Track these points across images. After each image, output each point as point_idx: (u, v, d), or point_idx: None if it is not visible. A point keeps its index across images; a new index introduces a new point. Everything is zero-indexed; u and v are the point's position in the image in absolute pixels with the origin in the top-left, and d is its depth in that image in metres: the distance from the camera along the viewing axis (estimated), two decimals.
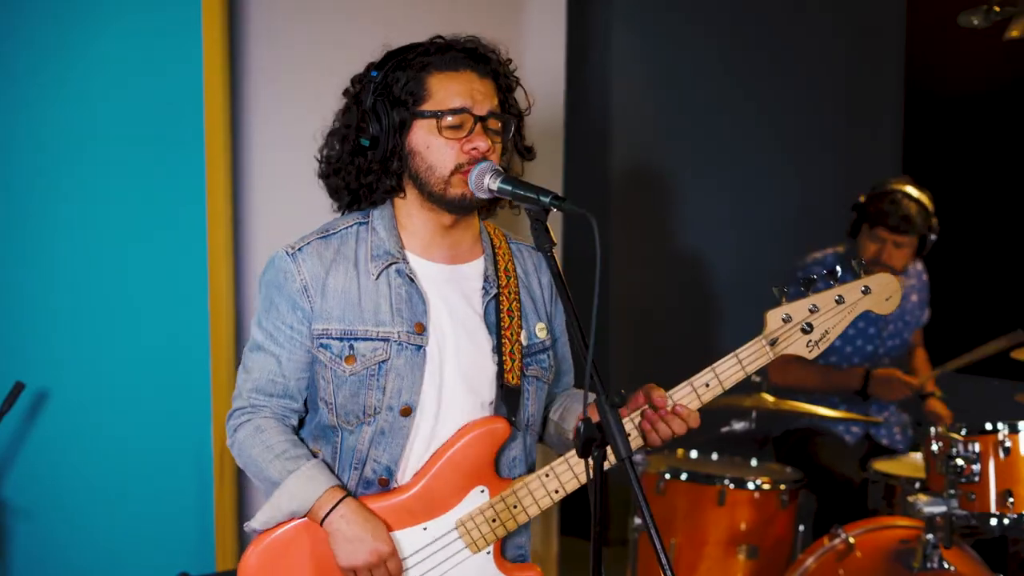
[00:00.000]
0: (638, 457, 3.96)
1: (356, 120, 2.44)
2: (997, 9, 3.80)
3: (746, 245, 5.80)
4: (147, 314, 3.54)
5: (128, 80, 3.46)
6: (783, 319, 2.46)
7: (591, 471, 2.12)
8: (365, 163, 2.45)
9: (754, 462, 4.16)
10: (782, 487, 3.94)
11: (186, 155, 3.54)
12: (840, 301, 2.48)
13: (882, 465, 4.12)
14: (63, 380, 3.45)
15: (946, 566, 3.45)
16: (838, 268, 2.46)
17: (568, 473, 2.44)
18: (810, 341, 2.48)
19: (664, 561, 2.04)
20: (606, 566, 4.63)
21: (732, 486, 3.90)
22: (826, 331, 2.48)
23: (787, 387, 4.42)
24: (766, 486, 3.92)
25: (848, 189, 4.62)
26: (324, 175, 2.53)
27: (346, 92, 2.51)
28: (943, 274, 4.75)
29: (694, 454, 4.22)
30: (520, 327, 2.50)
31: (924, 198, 4.36)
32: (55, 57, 3.38)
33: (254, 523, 2.44)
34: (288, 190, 3.68)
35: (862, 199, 4.44)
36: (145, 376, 3.54)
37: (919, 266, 4.62)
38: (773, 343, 2.45)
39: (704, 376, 2.44)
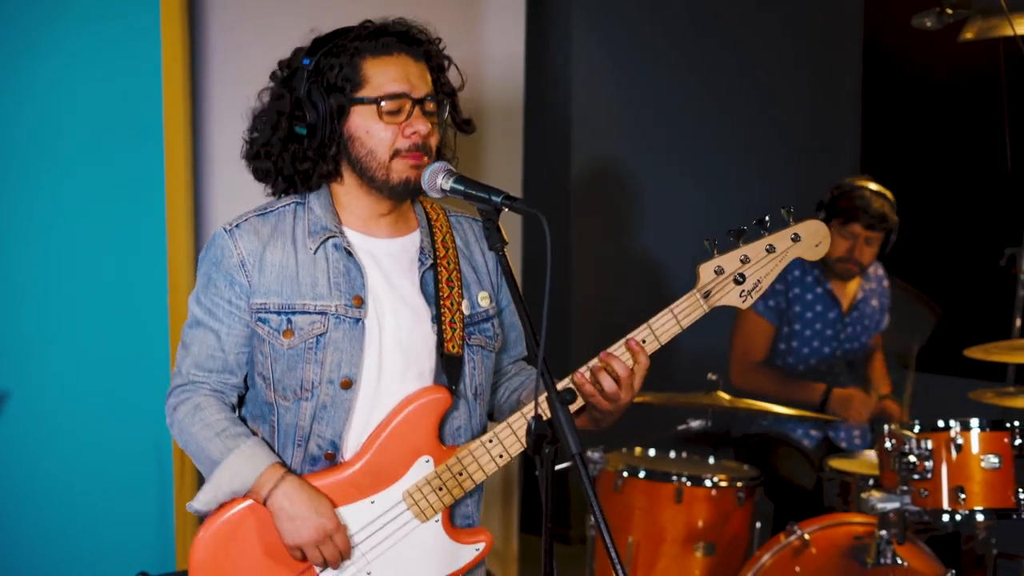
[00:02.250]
0: (596, 455, 3.98)
1: (289, 107, 2.45)
2: (949, 12, 3.86)
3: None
4: (107, 314, 3.54)
5: (87, 83, 3.46)
6: (715, 271, 2.47)
7: (542, 468, 2.13)
8: (300, 150, 2.46)
9: (711, 460, 4.19)
10: (739, 484, 3.97)
11: (145, 156, 3.54)
12: (771, 250, 2.47)
13: (838, 463, 4.15)
14: (23, 380, 3.44)
15: (899, 561, 3.50)
16: (767, 217, 2.47)
17: (511, 438, 2.46)
18: (743, 291, 2.47)
19: (614, 557, 2.05)
20: (567, 564, 4.66)
21: (689, 483, 3.92)
22: (758, 280, 2.48)
23: (747, 391, 4.45)
24: (723, 483, 3.94)
25: (808, 188, 4.66)
26: (250, 156, 2.53)
27: (273, 76, 2.52)
28: (901, 277, 4.80)
29: (652, 452, 4.23)
30: (461, 297, 2.52)
31: (889, 195, 4.42)
32: (11, 61, 3.39)
33: (196, 503, 2.44)
34: (249, 191, 3.66)
35: (830, 196, 4.47)
36: (105, 376, 3.53)
37: (880, 271, 4.66)
38: (706, 295, 2.46)
39: (640, 332, 2.45)
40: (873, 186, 4.42)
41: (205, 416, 2.47)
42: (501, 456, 2.47)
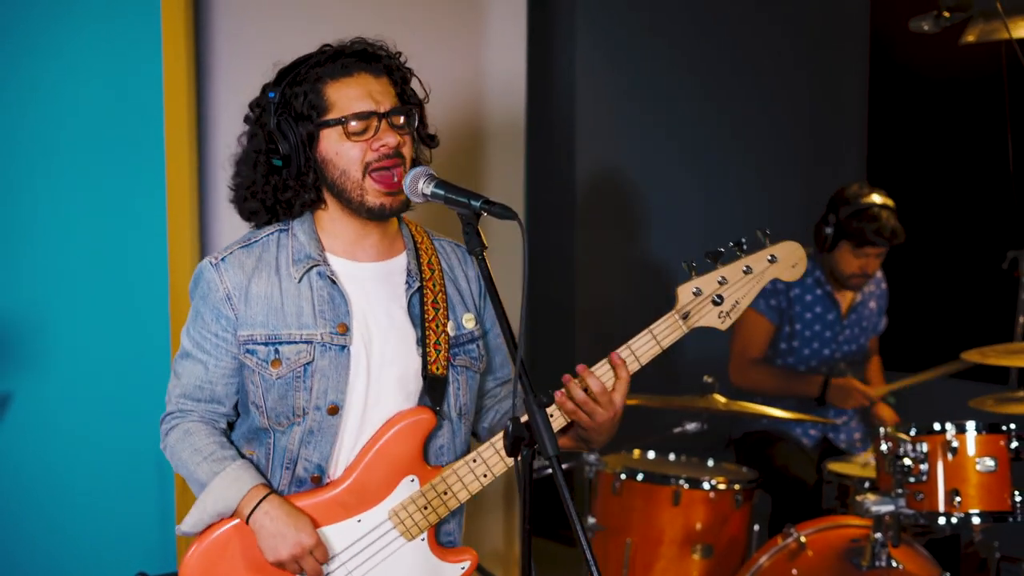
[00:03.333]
0: (592, 457, 4.00)
1: (264, 143, 2.49)
2: (947, 15, 3.84)
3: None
4: (108, 317, 3.59)
5: (88, 86, 3.51)
6: (693, 292, 2.50)
7: (520, 470, 2.16)
8: (281, 181, 2.51)
9: (710, 463, 4.19)
10: (736, 487, 3.97)
11: (146, 159, 3.59)
12: (748, 271, 2.50)
13: (836, 466, 4.16)
14: (26, 382, 3.50)
15: (894, 564, 3.50)
16: (743, 239, 2.51)
17: (495, 457, 2.49)
18: (721, 312, 2.51)
19: (589, 557, 2.07)
20: (568, 566, 4.67)
21: (687, 486, 3.92)
22: (736, 301, 2.51)
23: (747, 390, 4.47)
24: (721, 486, 3.95)
25: (813, 191, 4.65)
26: (240, 200, 2.57)
27: (247, 118, 2.56)
28: (901, 282, 4.80)
29: (651, 455, 4.24)
30: (446, 318, 2.56)
31: (891, 202, 4.41)
32: (13, 64, 3.43)
33: (183, 526, 2.51)
34: None
35: (836, 218, 4.42)
36: (107, 377, 3.59)
37: (879, 274, 4.67)
38: (685, 317, 2.50)
39: (620, 353, 2.48)
40: (877, 199, 4.38)
41: (194, 441, 2.54)
42: (485, 475, 2.51)
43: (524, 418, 2.16)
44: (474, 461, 2.50)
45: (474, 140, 4.39)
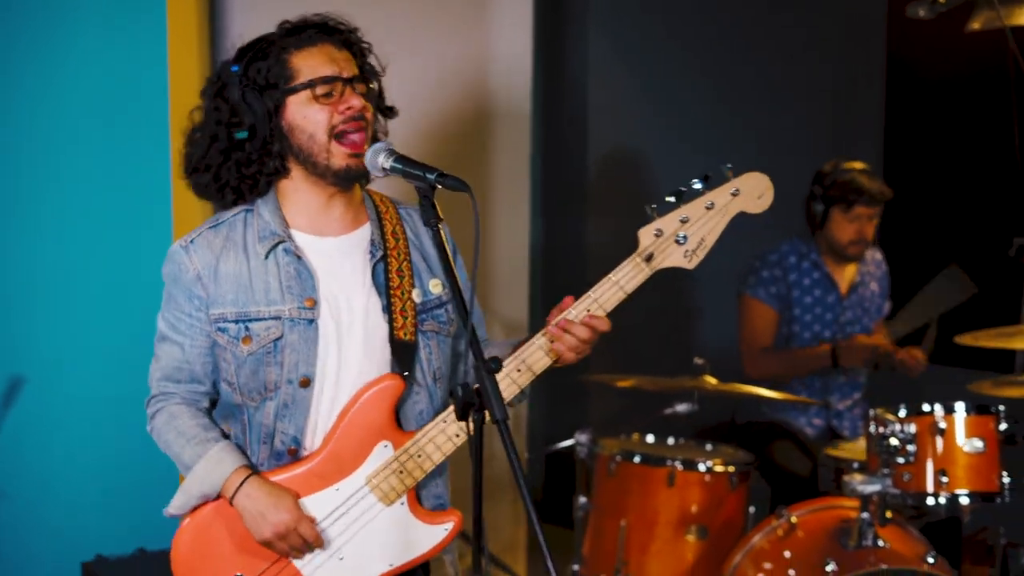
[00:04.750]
0: (583, 437, 4.04)
1: (227, 116, 2.54)
2: (942, 1, 3.84)
3: (723, 238, 5.83)
4: (118, 301, 3.69)
5: (93, 82, 3.62)
6: (655, 234, 2.50)
7: (470, 434, 2.20)
8: (244, 156, 2.56)
9: (708, 446, 4.20)
10: (732, 469, 3.97)
11: (151, 157, 3.70)
12: (711, 207, 2.48)
13: (832, 449, 4.16)
14: (39, 365, 3.62)
15: (880, 543, 3.51)
16: (708, 174, 2.49)
17: None
18: (687, 251, 2.50)
19: (539, 534, 2.10)
20: (555, 547, 4.68)
21: (682, 468, 3.93)
22: (702, 239, 2.49)
23: (764, 380, 4.43)
24: (717, 468, 3.95)
25: None
26: (188, 172, 2.62)
27: (204, 92, 2.61)
28: (907, 269, 4.80)
29: (650, 438, 4.24)
30: (412, 285, 2.62)
31: (868, 168, 4.51)
32: (18, 56, 3.54)
33: (170, 508, 2.59)
34: None
35: (822, 187, 4.50)
36: (115, 360, 3.68)
37: (878, 255, 4.68)
38: (648, 259, 2.51)
39: (583, 302, 2.53)
40: (857, 165, 4.48)
41: (179, 424, 2.60)
42: (457, 435, 2.55)
43: (476, 386, 2.19)
44: (444, 422, 2.55)
45: (480, 131, 4.45)
